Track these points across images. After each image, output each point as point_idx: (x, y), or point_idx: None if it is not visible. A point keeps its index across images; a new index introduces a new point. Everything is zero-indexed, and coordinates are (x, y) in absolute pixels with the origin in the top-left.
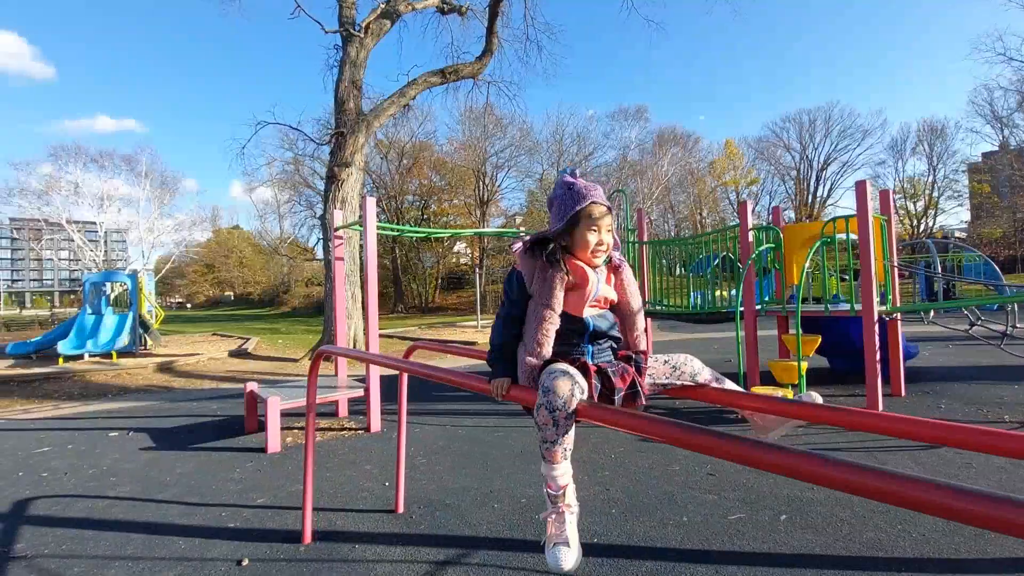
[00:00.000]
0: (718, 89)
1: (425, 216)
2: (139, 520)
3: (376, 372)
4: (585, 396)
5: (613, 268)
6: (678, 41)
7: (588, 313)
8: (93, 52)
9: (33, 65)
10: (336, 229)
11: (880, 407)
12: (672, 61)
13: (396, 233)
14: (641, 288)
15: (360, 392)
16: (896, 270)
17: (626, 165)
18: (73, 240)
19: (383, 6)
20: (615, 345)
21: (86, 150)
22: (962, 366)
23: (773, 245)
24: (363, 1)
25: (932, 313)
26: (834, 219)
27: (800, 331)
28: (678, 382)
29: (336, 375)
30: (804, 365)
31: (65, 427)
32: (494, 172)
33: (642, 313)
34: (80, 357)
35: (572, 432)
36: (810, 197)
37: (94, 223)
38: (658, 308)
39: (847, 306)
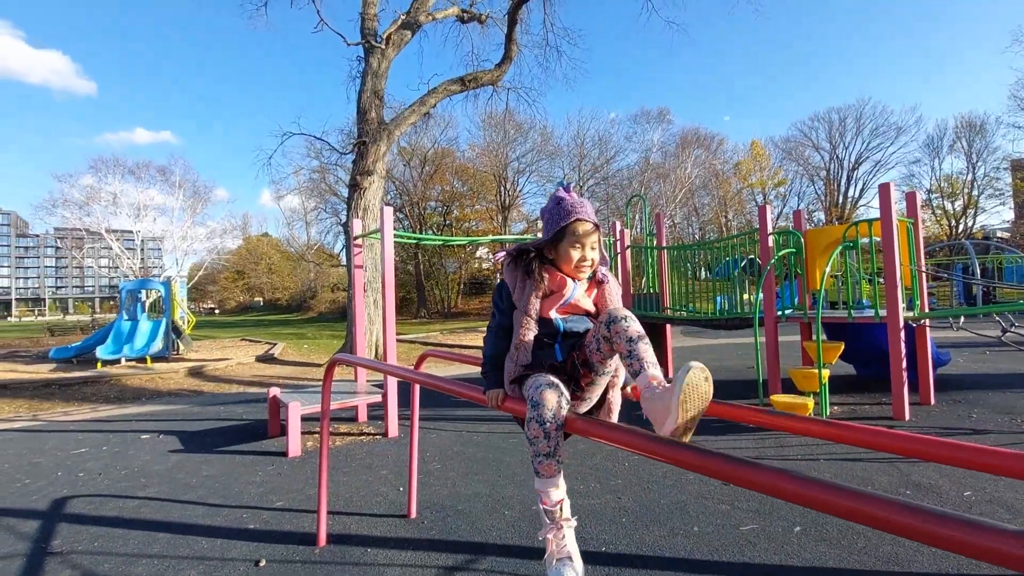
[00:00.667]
0: (743, 89)
1: (447, 222)
2: (165, 520)
3: (393, 378)
4: (569, 400)
5: (597, 282)
6: (701, 42)
7: (556, 316)
8: (131, 68)
9: (76, 81)
10: (355, 238)
11: (907, 416)
12: (695, 62)
13: (414, 241)
14: (660, 294)
15: (378, 398)
16: (923, 275)
17: (648, 168)
18: (112, 248)
19: (403, 17)
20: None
21: (124, 162)
22: (999, 373)
23: (794, 250)
24: (384, 13)
25: (962, 319)
26: (857, 223)
27: (820, 337)
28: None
29: (355, 380)
30: (826, 373)
31: (101, 429)
32: (515, 177)
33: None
34: (117, 362)
35: (563, 444)
36: (840, 198)
37: (131, 232)
38: (678, 314)
39: (871, 312)
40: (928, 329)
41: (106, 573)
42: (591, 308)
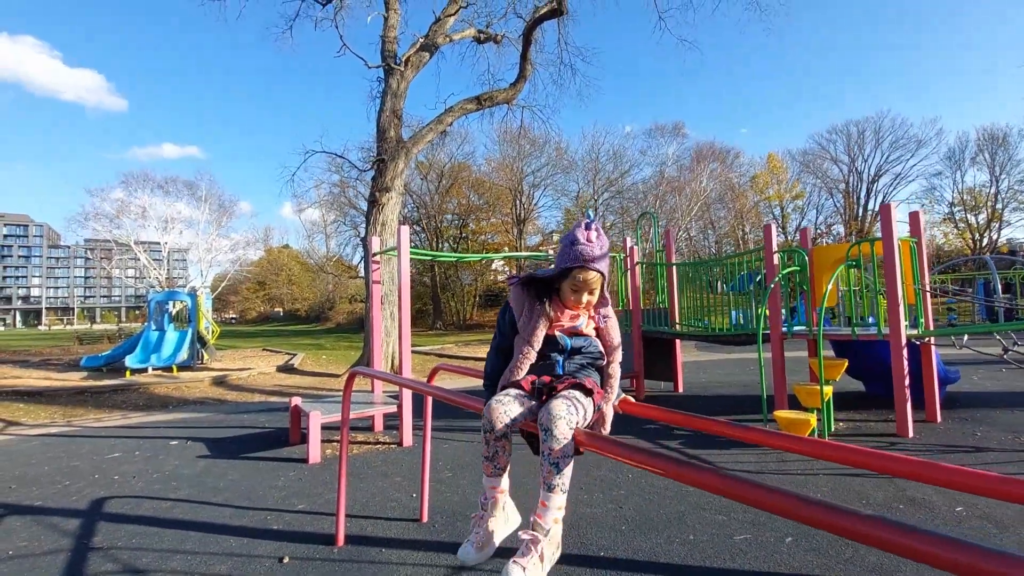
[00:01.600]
0: (759, 102)
1: (463, 235)
2: (196, 520)
3: (408, 390)
4: (519, 415)
5: (597, 323)
6: (715, 56)
7: (561, 335)
8: (161, 85)
9: (108, 98)
10: (373, 255)
11: (910, 433)
12: (710, 76)
13: (429, 258)
14: (671, 310)
15: (394, 408)
16: (927, 294)
17: (663, 181)
18: (139, 259)
19: (422, 40)
20: (592, 362)
21: (153, 176)
22: (1010, 392)
23: (798, 268)
24: (404, 36)
25: (966, 337)
26: (859, 242)
27: (822, 354)
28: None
29: (372, 392)
30: (829, 389)
31: (132, 435)
32: (531, 191)
33: (618, 353)
34: (145, 370)
35: (504, 451)
36: (860, 211)
37: (158, 243)
38: (688, 329)
39: (875, 329)
40: (933, 347)
41: (144, 567)
42: (590, 333)
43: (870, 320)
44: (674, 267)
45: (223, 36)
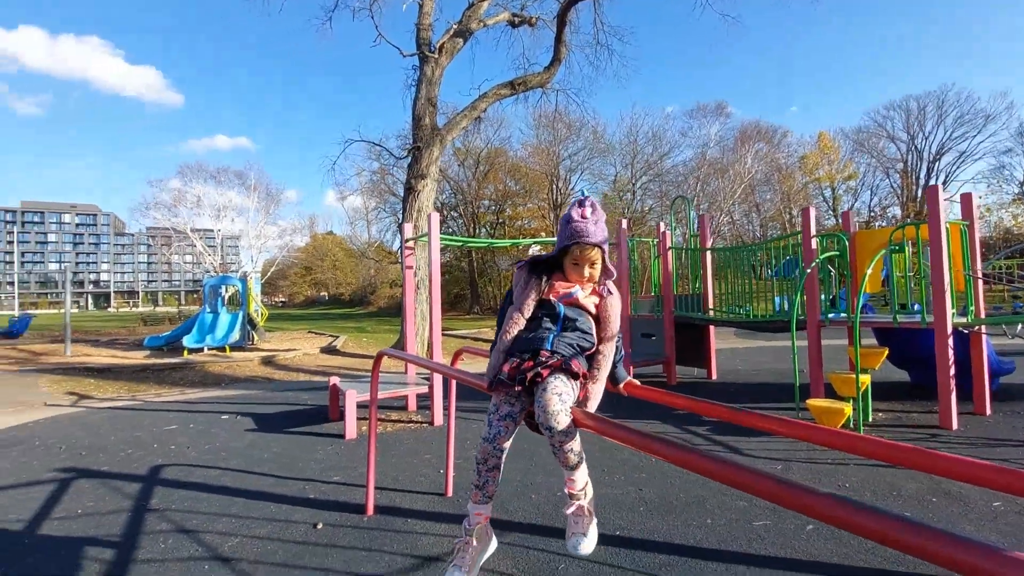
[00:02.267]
0: (809, 79)
1: (500, 220)
2: (241, 487)
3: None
4: (509, 441)
5: (599, 294)
6: (760, 32)
7: (557, 301)
8: (214, 80)
9: (166, 94)
10: (406, 241)
11: (954, 425)
12: (754, 53)
13: (460, 244)
14: (704, 297)
15: (425, 389)
16: (978, 280)
17: (705, 163)
18: (195, 246)
19: (455, 26)
20: (583, 342)
21: (207, 167)
22: None
23: (837, 253)
24: (438, 23)
25: (1020, 326)
26: (903, 225)
27: (859, 341)
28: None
29: (406, 373)
30: (866, 378)
31: (188, 409)
32: (567, 175)
33: (612, 343)
34: (200, 350)
35: (496, 481)
36: (919, 191)
37: (212, 231)
38: (726, 316)
39: (919, 317)
40: (985, 336)
41: (194, 528)
42: (592, 309)
43: (914, 307)
44: (708, 252)
45: (268, 30)
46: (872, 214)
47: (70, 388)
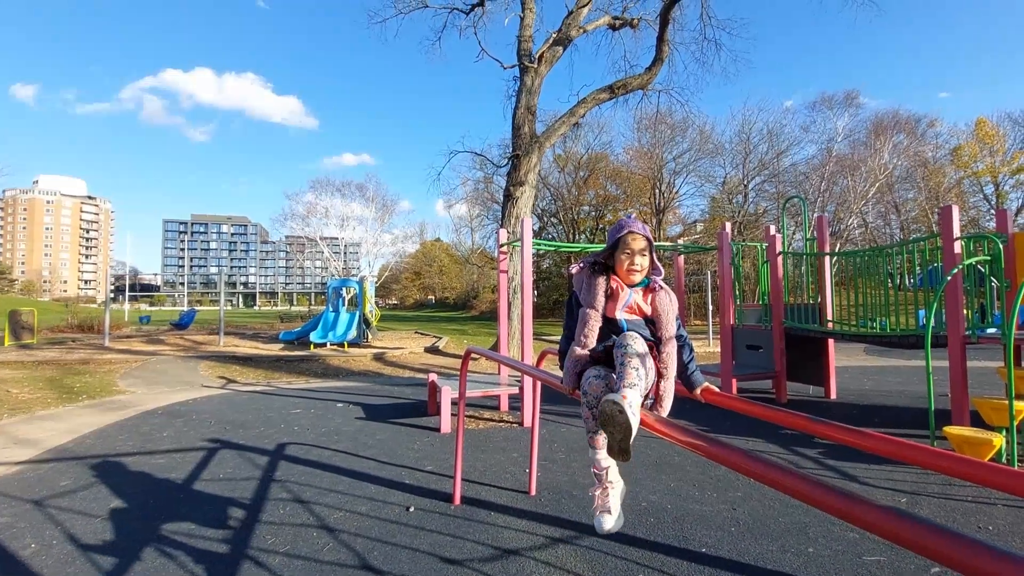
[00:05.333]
0: (963, 57)
1: (600, 226)
2: (348, 468)
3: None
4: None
5: (651, 290)
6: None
7: (621, 315)
8: (343, 104)
9: (305, 119)
10: (501, 246)
11: None
12: (892, 35)
13: (552, 248)
14: (822, 307)
15: (516, 390)
16: None
17: (831, 160)
18: (323, 252)
19: (555, 35)
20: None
21: (333, 181)
22: None
23: (988, 258)
24: (538, 33)
25: None
26: None
27: (1012, 360)
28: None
29: (499, 373)
30: (1022, 405)
31: (310, 396)
32: (671, 179)
33: (673, 341)
34: (324, 345)
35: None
36: None
37: (337, 239)
38: (849, 329)
39: None
40: None
41: (307, 499)
42: (648, 311)
43: None
44: (827, 257)
45: (386, 56)
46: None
47: (221, 373)
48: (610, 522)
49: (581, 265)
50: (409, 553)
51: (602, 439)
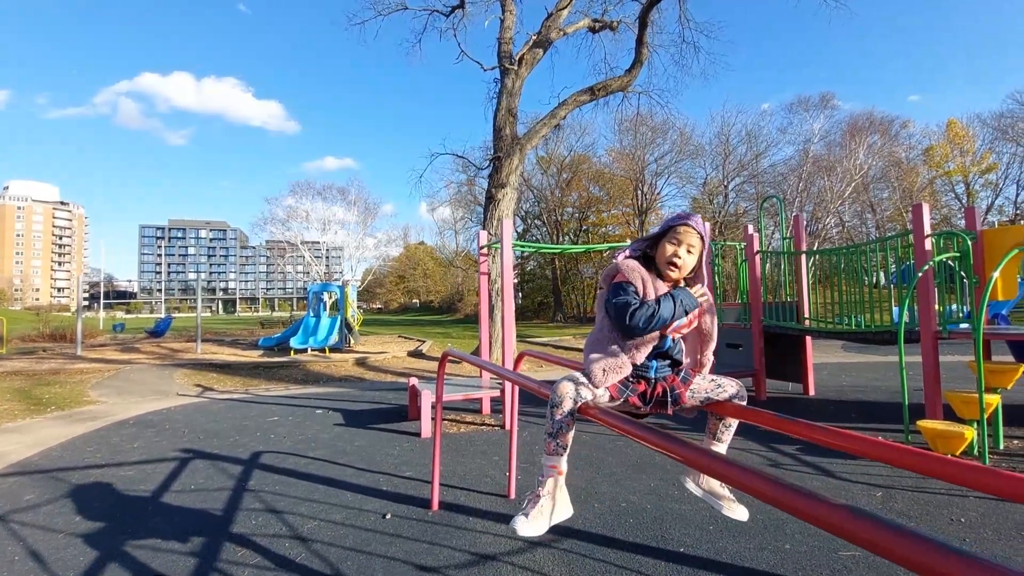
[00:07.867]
0: (934, 63)
1: (584, 227)
2: (325, 476)
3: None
4: (591, 399)
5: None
6: (873, 15)
7: (669, 334)
8: (324, 109)
9: (286, 123)
10: (481, 248)
11: None
12: (864, 39)
13: (533, 251)
14: (799, 305)
15: (498, 393)
16: None
17: (808, 160)
18: (304, 257)
19: (535, 37)
20: (675, 365)
21: (314, 185)
22: None
23: (957, 255)
24: (519, 35)
25: None
26: None
27: (981, 354)
28: (717, 397)
29: (480, 376)
30: (994, 398)
31: (289, 403)
32: (653, 180)
33: (714, 342)
34: (304, 351)
35: (570, 433)
36: None
37: (319, 243)
38: (826, 326)
39: None
40: None
41: (281, 509)
42: (695, 322)
43: None
44: (803, 255)
45: (366, 58)
46: (1018, 211)
47: (197, 381)
48: (527, 529)
49: (632, 254)
50: (384, 562)
51: (554, 445)
